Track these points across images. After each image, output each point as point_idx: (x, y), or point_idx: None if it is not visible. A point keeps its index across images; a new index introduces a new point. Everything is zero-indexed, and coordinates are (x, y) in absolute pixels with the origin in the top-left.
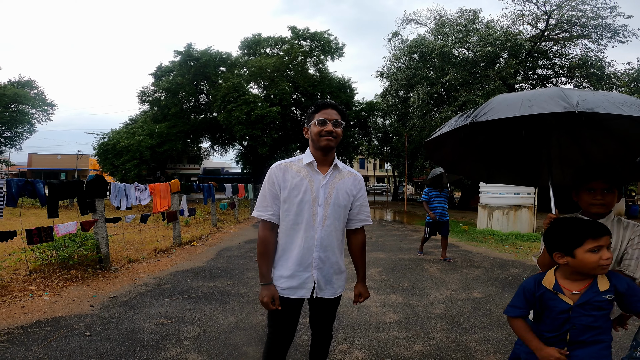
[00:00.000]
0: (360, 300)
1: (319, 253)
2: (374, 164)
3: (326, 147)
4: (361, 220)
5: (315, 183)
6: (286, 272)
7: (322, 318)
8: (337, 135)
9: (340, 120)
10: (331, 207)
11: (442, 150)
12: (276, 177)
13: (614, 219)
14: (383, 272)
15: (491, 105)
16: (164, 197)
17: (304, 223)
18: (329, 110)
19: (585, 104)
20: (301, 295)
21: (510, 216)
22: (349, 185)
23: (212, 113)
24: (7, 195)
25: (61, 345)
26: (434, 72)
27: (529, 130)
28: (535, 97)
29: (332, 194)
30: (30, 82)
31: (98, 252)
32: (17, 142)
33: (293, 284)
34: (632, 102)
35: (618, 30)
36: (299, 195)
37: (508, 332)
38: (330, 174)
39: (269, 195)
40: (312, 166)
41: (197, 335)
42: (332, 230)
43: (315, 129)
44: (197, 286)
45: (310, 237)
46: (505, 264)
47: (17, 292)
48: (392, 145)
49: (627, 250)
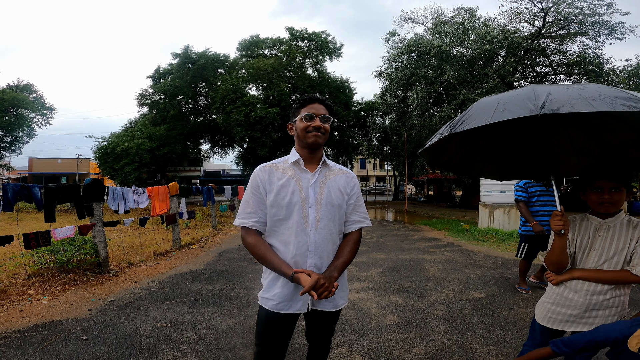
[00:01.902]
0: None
1: (313, 260)
2: (374, 164)
3: (314, 143)
4: (354, 221)
5: (303, 182)
6: (279, 283)
7: (321, 331)
8: (326, 131)
9: (328, 115)
10: (323, 207)
11: (445, 155)
12: (261, 179)
13: (623, 218)
14: (383, 273)
15: (470, 113)
16: (162, 200)
17: (295, 227)
18: (316, 105)
19: (552, 104)
20: (297, 310)
21: (511, 215)
22: (341, 183)
23: (211, 115)
24: (3, 200)
25: (57, 349)
26: (432, 71)
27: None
28: (509, 100)
29: (323, 193)
30: (29, 86)
31: (96, 256)
32: (17, 147)
33: (287, 296)
34: (607, 94)
35: (615, 27)
36: (286, 197)
37: (510, 334)
38: (319, 172)
39: (253, 200)
40: (298, 165)
41: (194, 338)
42: (327, 234)
43: (302, 125)
44: (196, 289)
45: (303, 242)
46: (507, 263)
47: (16, 296)
48: (392, 145)
49: (637, 249)
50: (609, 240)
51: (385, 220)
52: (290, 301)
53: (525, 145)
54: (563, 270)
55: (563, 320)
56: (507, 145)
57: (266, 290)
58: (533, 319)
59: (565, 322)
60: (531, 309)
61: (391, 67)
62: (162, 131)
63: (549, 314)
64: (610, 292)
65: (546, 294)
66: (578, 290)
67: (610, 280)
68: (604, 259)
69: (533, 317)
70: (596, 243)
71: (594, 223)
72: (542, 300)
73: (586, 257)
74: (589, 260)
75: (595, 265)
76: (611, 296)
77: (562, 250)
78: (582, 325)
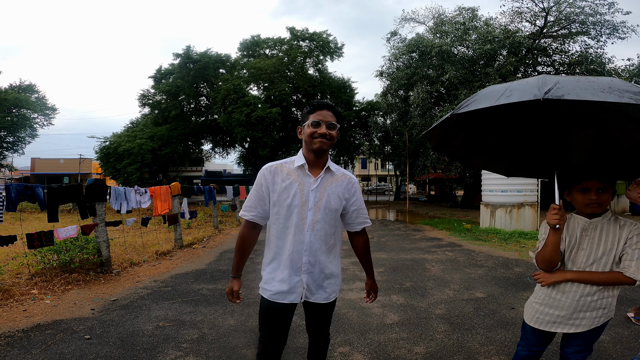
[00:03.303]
0: (372, 297)
1: (308, 257)
2: (376, 164)
3: (319, 149)
4: (360, 223)
5: (305, 187)
6: (277, 276)
7: (317, 322)
8: (332, 137)
9: (336, 122)
10: (322, 212)
11: (451, 142)
12: (265, 179)
13: (610, 218)
14: (384, 273)
15: (476, 97)
16: (164, 200)
17: (293, 227)
18: (324, 112)
19: (557, 91)
20: (291, 300)
21: (513, 214)
22: (341, 189)
23: (212, 115)
24: (6, 200)
25: (61, 349)
26: (433, 71)
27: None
28: (517, 86)
29: (322, 198)
30: (31, 86)
31: (99, 256)
32: (19, 147)
33: (283, 289)
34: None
35: (617, 27)
36: (288, 199)
37: (511, 333)
38: (322, 177)
39: (255, 197)
40: (303, 169)
41: (196, 338)
42: (322, 235)
43: (309, 131)
44: (198, 289)
45: (299, 242)
46: (508, 263)
47: (19, 295)
48: (393, 145)
49: (626, 250)
50: (596, 241)
51: (386, 220)
52: (286, 293)
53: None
54: (553, 269)
55: (550, 321)
56: (513, 139)
57: (265, 282)
58: (523, 320)
59: (553, 322)
60: None
61: (392, 66)
62: (164, 131)
63: (537, 314)
64: (599, 294)
65: (535, 294)
66: (567, 292)
67: (603, 282)
68: (592, 259)
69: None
70: (584, 243)
71: (581, 223)
72: (531, 300)
73: (574, 257)
74: (577, 260)
75: (584, 266)
76: (599, 297)
77: (555, 247)
78: (569, 326)
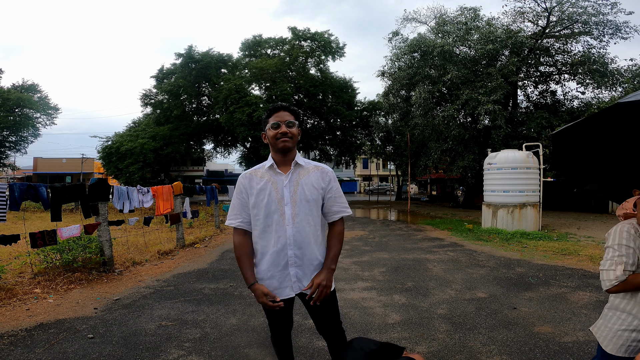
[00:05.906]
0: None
1: (293, 251)
2: (377, 164)
3: (284, 148)
4: (336, 212)
5: (278, 184)
6: (265, 274)
7: (323, 317)
8: (293, 135)
9: (294, 120)
10: (299, 204)
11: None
12: (243, 185)
13: None
14: (386, 273)
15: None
16: (166, 199)
17: (274, 224)
18: (281, 113)
19: None
20: (286, 295)
21: (515, 214)
22: (314, 179)
23: (214, 115)
24: (10, 199)
25: (64, 348)
26: (435, 71)
27: None
28: None
29: (297, 191)
30: (34, 86)
31: (102, 255)
32: (22, 147)
33: (274, 285)
34: None
35: (620, 27)
36: (264, 199)
37: (513, 333)
38: (292, 172)
39: (238, 204)
40: (273, 169)
41: (198, 337)
42: (305, 226)
43: (271, 133)
44: (200, 288)
45: (282, 237)
46: (510, 263)
47: (22, 295)
48: (395, 145)
49: None
50: None
51: (388, 220)
52: (278, 289)
53: None
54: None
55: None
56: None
57: (259, 281)
58: (599, 350)
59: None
60: (534, 309)
61: (394, 66)
62: (166, 131)
63: (630, 342)
64: None
65: (616, 319)
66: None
67: None
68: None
69: (598, 347)
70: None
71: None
72: (613, 328)
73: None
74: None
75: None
76: None
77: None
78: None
